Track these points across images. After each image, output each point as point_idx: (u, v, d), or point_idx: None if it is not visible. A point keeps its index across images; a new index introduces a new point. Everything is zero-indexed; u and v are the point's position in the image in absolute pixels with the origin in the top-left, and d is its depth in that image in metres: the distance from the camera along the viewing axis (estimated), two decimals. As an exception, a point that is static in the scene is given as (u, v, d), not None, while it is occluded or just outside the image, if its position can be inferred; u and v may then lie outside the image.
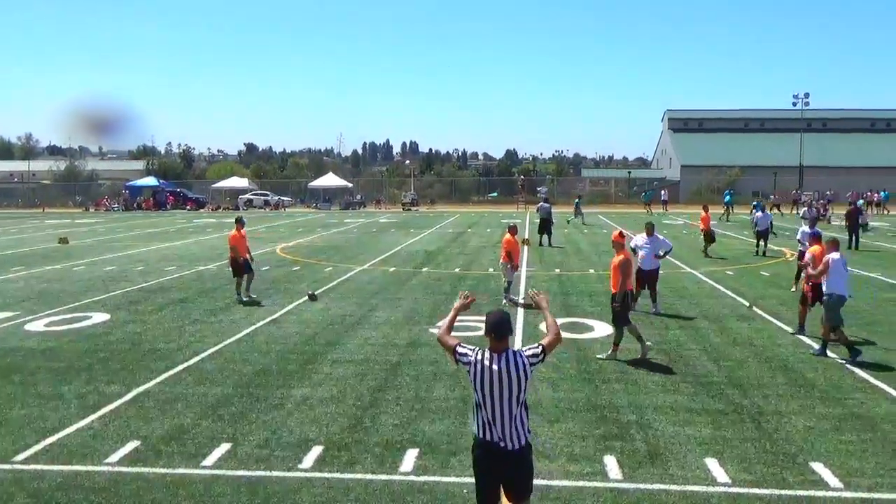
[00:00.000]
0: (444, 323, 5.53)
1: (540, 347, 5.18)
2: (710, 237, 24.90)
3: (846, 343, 10.99)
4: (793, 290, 16.89)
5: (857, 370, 10.43)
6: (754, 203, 31.67)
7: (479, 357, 5.03)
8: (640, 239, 15.09)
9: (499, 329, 5.01)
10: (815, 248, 12.44)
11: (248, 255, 16.70)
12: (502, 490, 5.18)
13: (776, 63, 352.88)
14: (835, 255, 11.32)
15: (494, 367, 4.95)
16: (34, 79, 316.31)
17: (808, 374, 10.31)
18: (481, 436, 5.04)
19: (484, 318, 5.17)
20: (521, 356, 5.04)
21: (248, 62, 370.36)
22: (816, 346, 11.50)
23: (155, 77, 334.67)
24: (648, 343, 11.39)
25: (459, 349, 5.17)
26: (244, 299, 16.12)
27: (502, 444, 4.97)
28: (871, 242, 29.25)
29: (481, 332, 5.75)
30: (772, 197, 55.08)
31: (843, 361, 10.85)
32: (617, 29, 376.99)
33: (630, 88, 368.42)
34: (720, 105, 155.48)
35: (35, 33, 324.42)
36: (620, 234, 12.11)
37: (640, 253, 14.76)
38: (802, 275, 17.25)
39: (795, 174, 65.96)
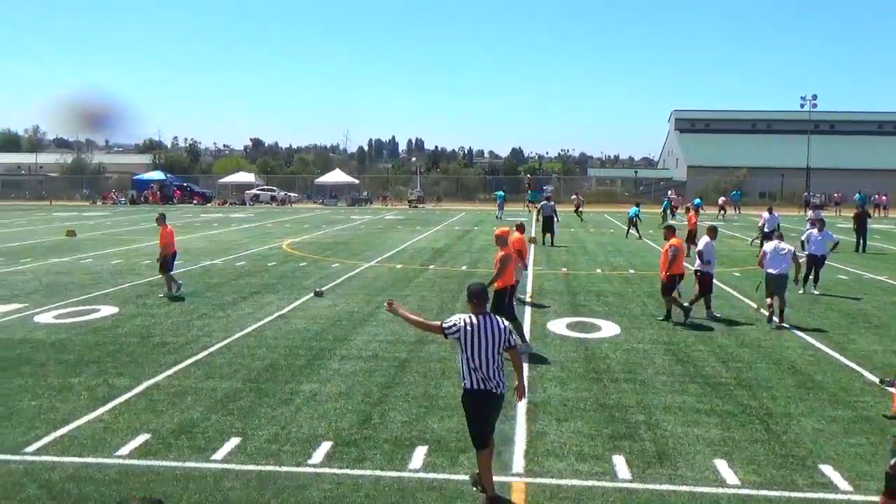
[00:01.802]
0: (409, 314, 6.53)
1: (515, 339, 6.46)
2: (691, 238, 25.10)
3: (671, 308, 13.87)
4: (800, 291, 16.88)
5: (866, 374, 10.43)
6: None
7: (466, 321, 6.19)
8: (708, 244, 14.28)
9: (479, 296, 6.31)
10: (675, 241, 13.81)
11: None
12: None
13: (784, 64, 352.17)
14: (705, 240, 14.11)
15: (480, 323, 6.17)
16: (43, 72, 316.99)
17: (817, 376, 10.30)
18: (476, 387, 6.14)
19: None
20: (498, 318, 6.32)
21: (254, 58, 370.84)
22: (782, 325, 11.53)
23: (162, 72, 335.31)
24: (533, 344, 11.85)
25: (445, 324, 6.25)
26: (174, 293, 16.11)
27: (494, 391, 6.16)
28: (879, 245, 29.19)
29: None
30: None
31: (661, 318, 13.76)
32: (624, 28, 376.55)
33: (637, 88, 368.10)
34: (727, 106, 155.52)
35: (44, 27, 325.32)
36: (507, 230, 12.19)
37: (706, 256, 14.14)
38: (810, 278, 17.31)
39: (803, 176, 65.88)
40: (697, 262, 14.35)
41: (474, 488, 6.48)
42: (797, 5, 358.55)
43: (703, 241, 14.41)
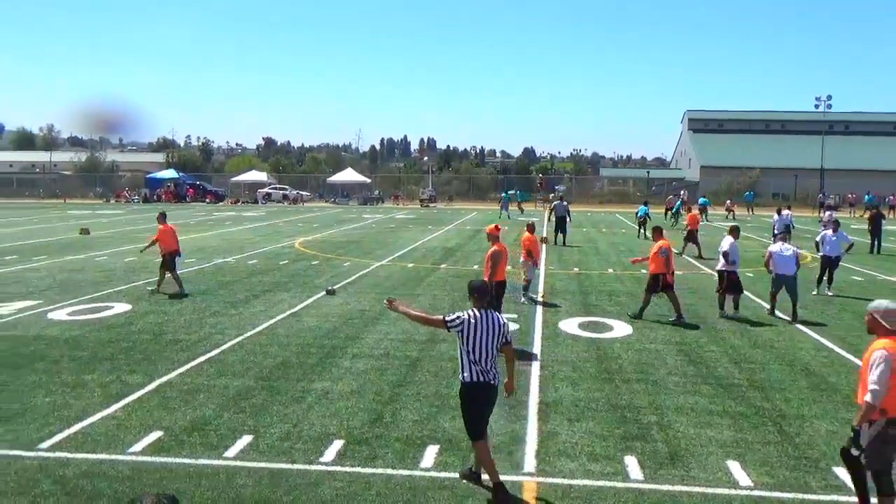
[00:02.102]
0: (410, 310, 6.76)
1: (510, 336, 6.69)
2: (691, 237, 25.12)
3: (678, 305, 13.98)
4: (814, 292, 16.78)
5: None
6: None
7: (469, 314, 6.44)
8: (732, 244, 14.41)
9: (481, 292, 6.56)
10: (663, 242, 14.08)
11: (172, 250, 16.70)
12: None
13: (798, 65, 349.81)
14: (729, 240, 14.41)
15: (482, 317, 6.43)
16: (54, 71, 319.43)
17: (831, 378, 10.24)
18: (476, 380, 6.35)
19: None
20: (497, 314, 6.59)
21: (267, 57, 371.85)
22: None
23: (175, 71, 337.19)
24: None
25: (448, 318, 6.47)
26: (151, 290, 16.22)
27: (491, 382, 6.40)
28: (893, 246, 28.96)
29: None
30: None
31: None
32: (637, 28, 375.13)
33: (650, 88, 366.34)
34: (741, 106, 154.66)
35: (54, 26, 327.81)
36: (497, 227, 13.35)
37: (731, 256, 14.23)
38: (824, 279, 17.19)
39: (816, 177, 65.39)
40: (721, 261, 14.34)
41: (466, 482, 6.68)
42: (812, 5, 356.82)
43: (728, 241, 14.42)
